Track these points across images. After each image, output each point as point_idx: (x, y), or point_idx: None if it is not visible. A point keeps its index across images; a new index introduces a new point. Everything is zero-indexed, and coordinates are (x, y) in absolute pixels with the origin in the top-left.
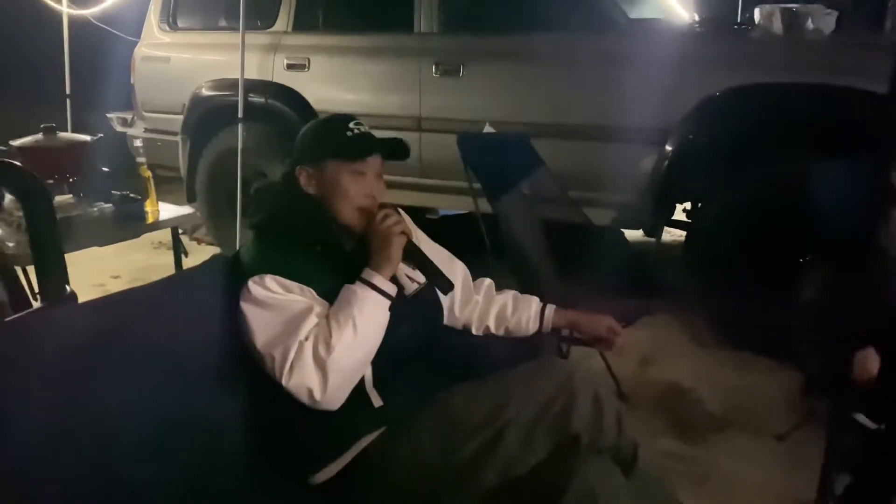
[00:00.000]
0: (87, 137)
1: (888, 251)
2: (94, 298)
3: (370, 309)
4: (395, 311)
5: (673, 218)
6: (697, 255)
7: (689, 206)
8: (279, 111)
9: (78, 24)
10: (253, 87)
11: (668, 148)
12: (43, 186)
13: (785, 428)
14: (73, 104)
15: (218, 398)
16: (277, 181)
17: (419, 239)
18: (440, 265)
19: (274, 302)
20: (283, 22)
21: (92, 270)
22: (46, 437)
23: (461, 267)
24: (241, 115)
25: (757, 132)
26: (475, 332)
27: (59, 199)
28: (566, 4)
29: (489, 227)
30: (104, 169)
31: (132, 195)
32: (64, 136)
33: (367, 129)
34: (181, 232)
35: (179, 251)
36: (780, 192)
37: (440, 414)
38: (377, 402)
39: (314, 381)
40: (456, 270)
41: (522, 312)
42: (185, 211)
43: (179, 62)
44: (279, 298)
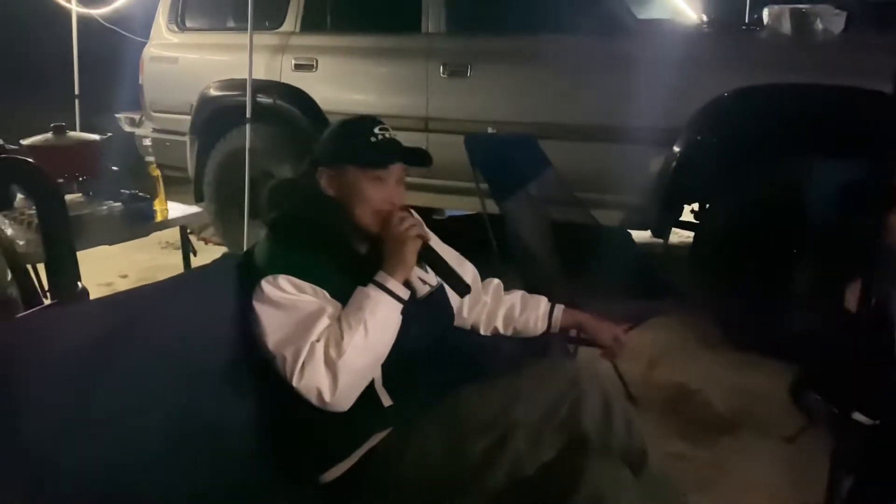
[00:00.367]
0: (96, 137)
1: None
2: (104, 296)
3: (382, 312)
4: (406, 313)
5: (680, 219)
6: (705, 256)
7: (696, 207)
8: (287, 111)
9: (87, 24)
10: (261, 87)
11: (675, 149)
12: (56, 185)
13: (793, 430)
14: (81, 104)
15: (228, 397)
16: (294, 179)
17: (434, 242)
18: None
19: (287, 302)
20: (290, 22)
21: (100, 269)
22: (57, 434)
23: (470, 268)
24: (248, 115)
25: (765, 133)
26: (483, 332)
27: (68, 197)
28: (574, 5)
29: (496, 227)
30: (113, 168)
31: (141, 194)
32: (74, 135)
33: (391, 134)
34: (188, 231)
35: (188, 250)
36: (787, 193)
37: (448, 414)
38: (386, 401)
39: (324, 382)
40: (465, 272)
41: (531, 313)
42: (193, 210)
43: (188, 62)
44: (292, 299)
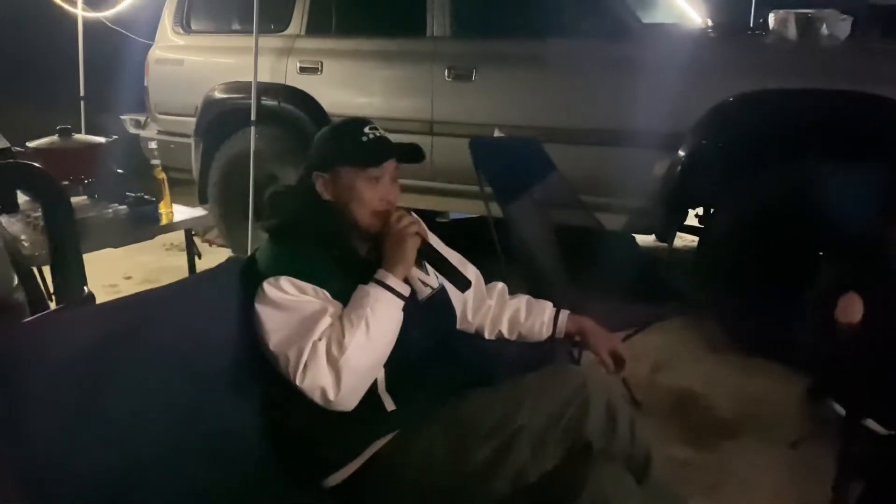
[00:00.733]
0: (102, 139)
1: None
2: (111, 300)
3: (383, 309)
4: (408, 315)
5: (685, 223)
6: (709, 260)
7: (701, 211)
8: (292, 114)
9: (92, 26)
10: (266, 90)
11: (680, 153)
12: (62, 188)
13: (797, 435)
14: (86, 106)
15: (233, 401)
16: (292, 186)
17: (433, 241)
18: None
19: (288, 303)
20: (296, 25)
21: (104, 271)
22: (62, 438)
23: (474, 271)
24: (253, 117)
25: (770, 138)
26: (488, 336)
27: (74, 200)
28: (579, 9)
29: (500, 231)
30: (118, 171)
31: (146, 197)
32: (79, 137)
33: (381, 133)
34: (193, 234)
35: (193, 253)
36: (792, 197)
37: (452, 419)
38: (390, 405)
39: (328, 380)
40: (468, 274)
41: (536, 317)
42: (198, 213)
43: (193, 65)
44: (293, 299)
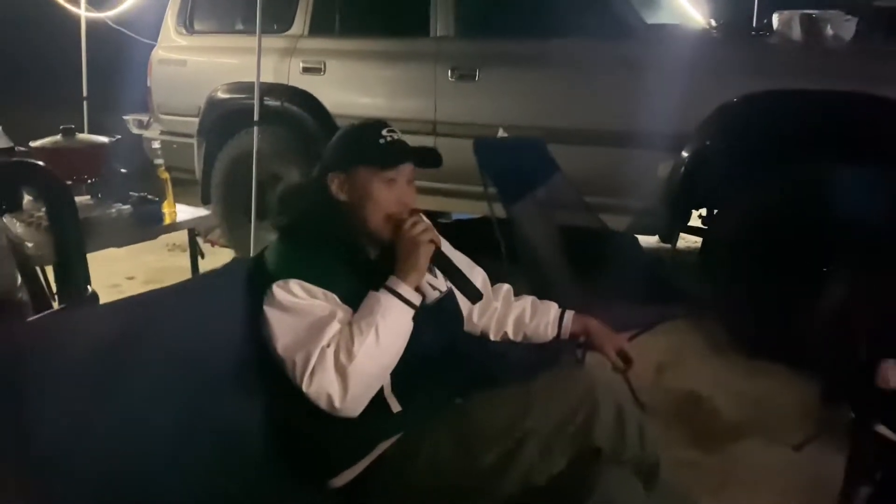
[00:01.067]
0: (105, 139)
1: None
2: (115, 300)
3: (393, 318)
4: (416, 318)
5: (689, 224)
6: (713, 261)
7: (704, 212)
8: (295, 115)
9: (95, 26)
10: (269, 90)
11: (684, 154)
12: (66, 188)
13: (802, 437)
14: (89, 106)
15: (238, 402)
16: (304, 184)
17: (445, 248)
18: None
19: (297, 307)
20: (299, 26)
21: (107, 271)
22: (66, 437)
23: (481, 273)
24: (256, 118)
25: (774, 138)
26: (493, 337)
27: (77, 200)
28: (583, 9)
29: (504, 231)
30: (122, 170)
31: (150, 196)
32: (83, 137)
33: (399, 135)
34: (196, 234)
35: (196, 253)
36: (796, 198)
37: (459, 421)
38: (396, 407)
39: (335, 388)
40: (476, 276)
41: (541, 318)
42: (201, 213)
43: (196, 65)
44: (303, 303)
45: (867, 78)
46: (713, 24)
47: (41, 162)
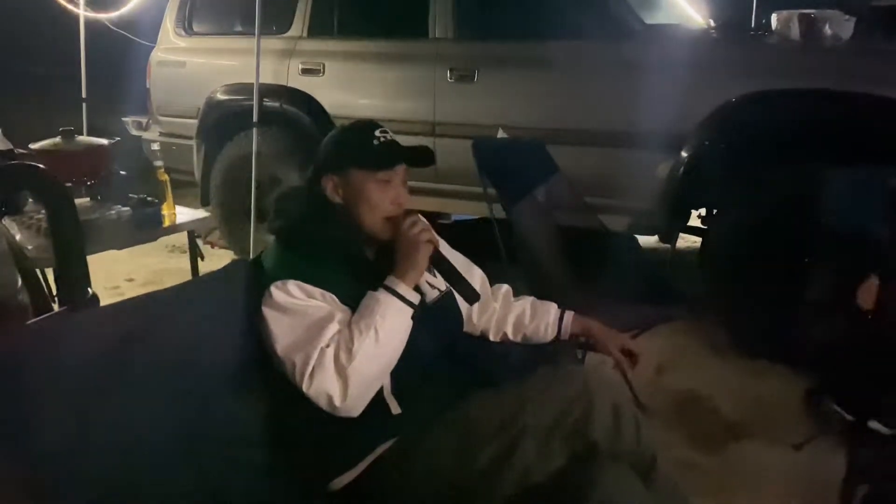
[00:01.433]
0: (104, 141)
1: None
2: (114, 302)
3: (393, 317)
4: (415, 319)
5: (688, 224)
6: (713, 261)
7: (704, 212)
8: (294, 116)
9: (94, 28)
10: (268, 91)
11: (683, 154)
12: (66, 190)
13: (802, 437)
14: (89, 108)
15: (237, 404)
16: (299, 187)
17: (443, 249)
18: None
19: (296, 307)
20: (298, 27)
21: (106, 273)
22: (67, 440)
23: (479, 274)
24: (255, 119)
25: (773, 139)
26: (493, 338)
27: (77, 202)
28: (582, 10)
29: (504, 232)
30: (121, 172)
31: (149, 199)
32: (82, 139)
33: (392, 136)
34: (195, 235)
35: (196, 255)
36: (795, 198)
37: (457, 421)
38: (395, 409)
39: (334, 387)
40: (474, 277)
41: (540, 319)
42: (201, 215)
43: (195, 67)
44: (301, 304)
45: (866, 78)
46: (712, 24)
47: (41, 164)
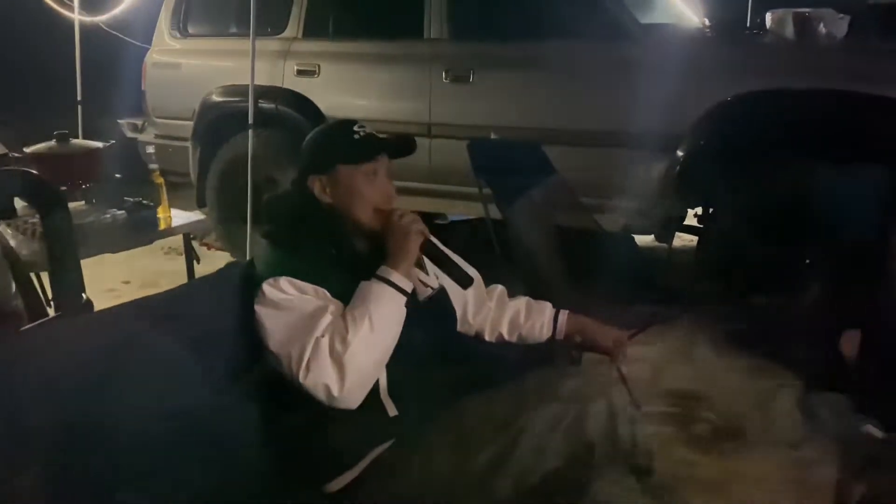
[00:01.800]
0: (99, 144)
1: None
2: (108, 307)
3: (386, 305)
4: (408, 318)
5: (684, 223)
6: (709, 260)
7: (700, 211)
8: (289, 117)
9: (90, 30)
10: (263, 93)
11: (679, 153)
12: (60, 195)
13: (798, 436)
14: (84, 110)
15: (233, 406)
16: (287, 191)
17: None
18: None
19: (288, 302)
20: (293, 28)
21: (103, 275)
22: (63, 444)
23: (474, 273)
24: (251, 121)
25: (768, 138)
26: (488, 338)
27: (72, 205)
28: (577, 10)
29: (499, 233)
30: (116, 175)
31: (145, 202)
32: (77, 142)
33: (369, 129)
34: (191, 237)
35: (192, 257)
36: (791, 197)
37: (453, 423)
38: (392, 411)
39: (331, 377)
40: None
41: (536, 319)
42: (196, 217)
43: (190, 68)
44: (294, 299)
45: (861, 76)
46: (707, 23)
47: (35, 168)
